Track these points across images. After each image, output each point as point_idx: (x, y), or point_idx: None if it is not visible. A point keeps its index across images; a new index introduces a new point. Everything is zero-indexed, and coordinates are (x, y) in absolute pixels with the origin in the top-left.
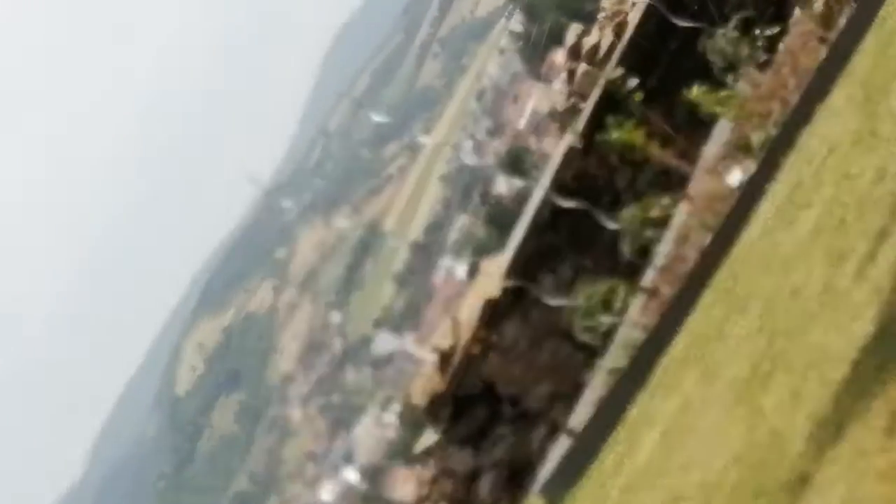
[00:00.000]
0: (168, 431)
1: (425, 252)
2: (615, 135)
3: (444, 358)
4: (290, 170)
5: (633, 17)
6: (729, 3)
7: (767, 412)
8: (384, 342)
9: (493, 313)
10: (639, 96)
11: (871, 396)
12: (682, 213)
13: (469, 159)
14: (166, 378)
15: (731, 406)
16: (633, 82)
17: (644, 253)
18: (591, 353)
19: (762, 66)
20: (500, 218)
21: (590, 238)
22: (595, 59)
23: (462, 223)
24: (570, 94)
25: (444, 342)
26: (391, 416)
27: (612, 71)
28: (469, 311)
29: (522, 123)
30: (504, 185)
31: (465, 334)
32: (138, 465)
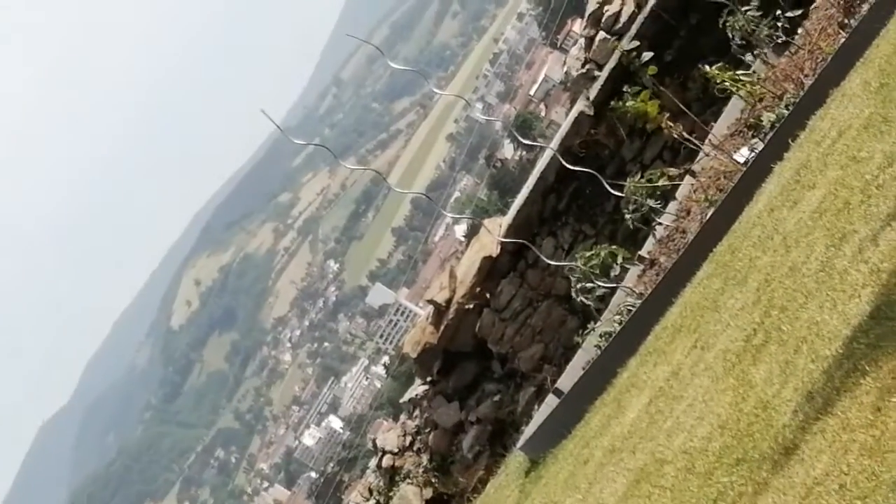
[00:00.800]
0: (159, 363)
1: (427, 210)
2: (629, 103)
3: (439, 311)
4: (300, 116)
5: None
6: None
7: (757, 383)
8: (379, 294)
9: (491, 271)
10: (652, 70)
11: (861, 373)
12: (686, 186)
13: (478, 121)
14: (162, 311)
15: (720, 376)
16: (648, 55)
17: (646, 223)
18: (585, 318)
19: (780, 48)
20: (502, 181)
21: (592, 205)
22: (614, 27)
23: (465, 184)
24: (586, 61)
25: (440, 296)
26: (380, 368)
27: (628, 43)
28: (467, 267)
29: (534, 90)
30: (510, 150)
31: (461, 290)
32: (126, 393)
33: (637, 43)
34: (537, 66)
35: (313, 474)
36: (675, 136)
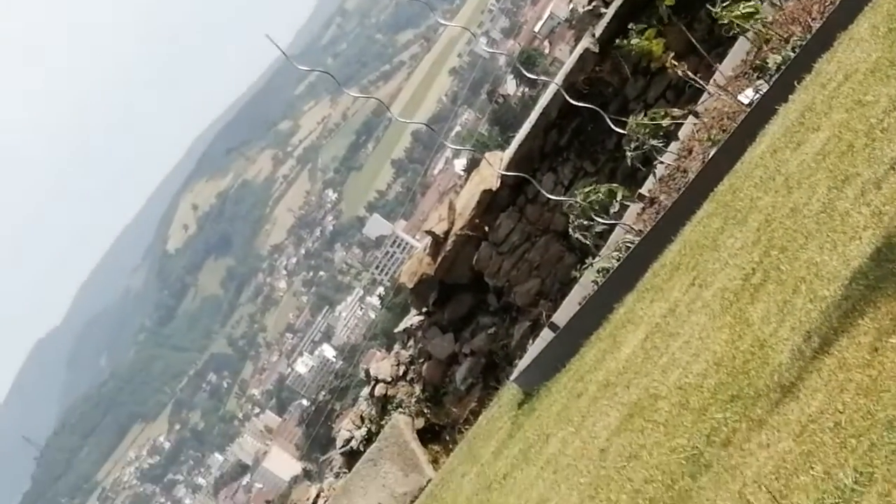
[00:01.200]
0: (154, 286)
1: (427, 143)
2: (634, 41)
3: (437, 243)
4: (303, 44)
5: None
6: None
7: (754, 322)
8: (376, 225)
9: (490, 204)
10: (671, 1)
11: (859, 314)
12: (689, 126)
13: (482, 55)
14: (158, 234)
15: (718, 314)
16: None
17: (646, 162)
18: (583, 255)
19: None
20: (504, 117)
21: (594, 142)
22: None
23: (466, 118)
24: None
25: (438, 227)
26: (374, 299)
27: None
28: (466, 199)
29: (539, 27)
30: (512, 86)
31: (460, 222)
32: (120, 315)
33: None
34: (543, 3)
35: (305, 402)
36: (680, 74)
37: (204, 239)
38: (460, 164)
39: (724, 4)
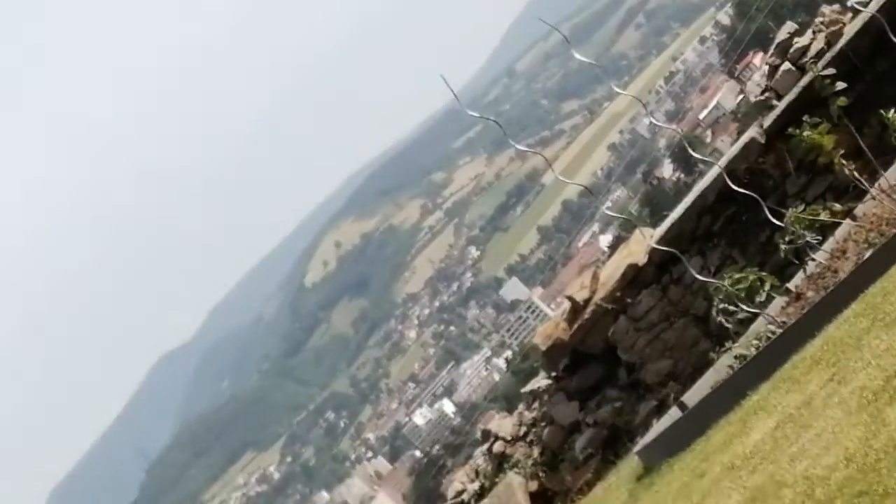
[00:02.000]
0: (286, 317)
1: (576, 214)
2: (806, 133)
3: (576, 309)
4: (467, 98)
5: (851, 28)
6: None
7: (891, 422)
8: (513, 289)
9: (634, 278)
10: (843, 101)
11: None
12: (846, 227)
13: (643, 135)
14: (298, 266)
15: (854, 411)
16: (842, 85)
17: (798, 258)
18: (720, 342)
19: None
20: (656, 199)
21: (746, 232)
22: (801, 60)
23: (618, 195)
24: (766, 89)
25: (579, 294)
26: (501, 361)
27: (823, 69)
28: (611, 270)
29: (703, 115)
30: (669, 170)
31: (602, 292)
32: (249, 340)
33: (833, 70)
34: (711, 92)
35: (418, 453)
36: (847, 173)
37: (342, 277)
38: (606, 240)
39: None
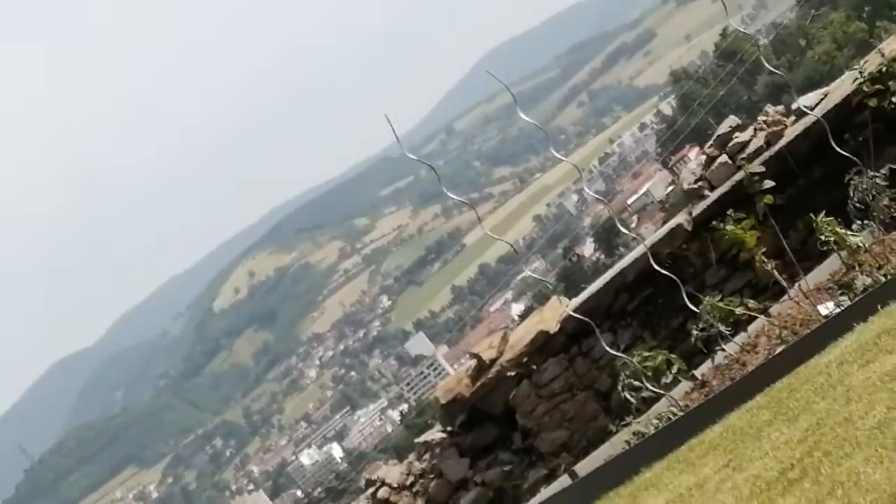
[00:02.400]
0: (190, 337)
1: (492, 279)
2: (729, 227)
3: (481, 366)
4: (403, 148)
5: (792, 131)
6: (894, 151)
7: None
8: (418, 344)
9: (543, 345)
10: (769, 199)
11: None
12: (760, 323)
13: (570, 211)
14: (209, 289)
15: (745, 498)
16: (770, 184)
17: (707, 347)
18: (619, 418)
19: (891, 223)
20: (573, 276)
21: (660, 316)
22: (738, 155)
23: (537, 266)
24: (700, 178)
25: (487, 353)
26: (395, 414)
27: (755, 166)
28: (521, 333)
29: (632, 199)
30: (589, 249)
31: (509, 354)
32: (150, 355)
33: (763, 169)
34: (642, 179)
35: (299, 493)
36: (768, 269)
37: (251, 307)
38: (517, 308)
39: (825, 220)
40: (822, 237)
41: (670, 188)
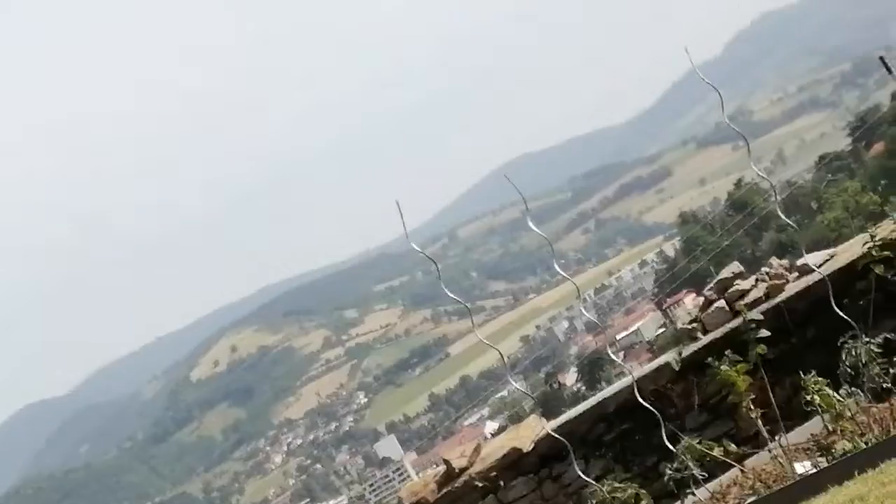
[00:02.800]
0: (162, 402)
1: (471, 393)
2: (724, 367)
3: (449, 474)
4: (403, 246)
5: (793, 287)
6: (890, 323)
7: None
8: (388, 446)
9: (514, 462)
10: (762, 349)
11: None
12: (735, 472)
13: (559, 337)
14: (189, 357)
15: None
16: (765, 333)
17: (678, 489)
18: None
19: (881, 393)
20: (551, 403)
21: (635, 452)
22: (736, 302)
23: (515, 387)
24: (694, 320)
25: (457, 461)
26: None
27: (755, 313)
28: (494, 447)
29: (621, 335)
30: (572, 379)
31: (479, 466)
32: (121, 413)
33: (761, 317)
34: (634, 317)
35: None
36: (752, 418)
37: (228, 382)
38: (492, 426)
39: (814, 381)
40: (809, 397)
41: (660, 330)
